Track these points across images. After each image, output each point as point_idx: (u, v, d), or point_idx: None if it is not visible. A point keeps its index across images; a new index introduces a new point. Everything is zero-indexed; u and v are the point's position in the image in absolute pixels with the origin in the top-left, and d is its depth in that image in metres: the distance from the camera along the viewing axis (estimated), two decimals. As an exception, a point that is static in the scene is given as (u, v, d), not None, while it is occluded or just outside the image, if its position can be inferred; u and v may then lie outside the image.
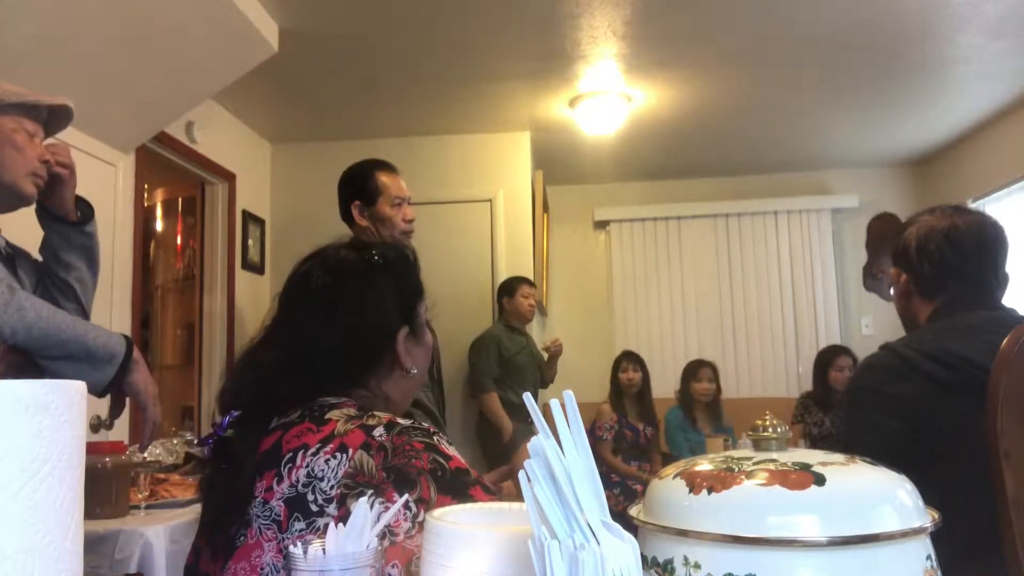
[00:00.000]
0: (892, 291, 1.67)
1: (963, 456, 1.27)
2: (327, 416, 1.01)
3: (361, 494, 0.92)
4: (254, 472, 0.99)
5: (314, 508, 0.94)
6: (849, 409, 1.55)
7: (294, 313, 1.13)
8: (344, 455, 0.96)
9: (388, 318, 1.14)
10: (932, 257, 1.53)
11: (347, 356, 1.09)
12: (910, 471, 1.13)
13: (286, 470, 0.97)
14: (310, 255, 1.18)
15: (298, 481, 0.95)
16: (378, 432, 0.98)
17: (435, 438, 1.00)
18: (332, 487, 0.94)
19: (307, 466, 0.96)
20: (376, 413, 1.02)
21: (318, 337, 1.09)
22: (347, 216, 2.50)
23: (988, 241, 1.52)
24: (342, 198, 2.52)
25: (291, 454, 0.98)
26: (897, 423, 1.41)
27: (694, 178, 5.87)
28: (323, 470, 0.95)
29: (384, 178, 2.46)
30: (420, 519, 0.90)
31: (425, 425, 1.02)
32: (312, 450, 0.97)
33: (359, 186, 2.47)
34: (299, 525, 0.94)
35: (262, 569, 0.94)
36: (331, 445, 0.97)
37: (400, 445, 0.97)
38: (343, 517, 0.64)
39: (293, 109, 4.33)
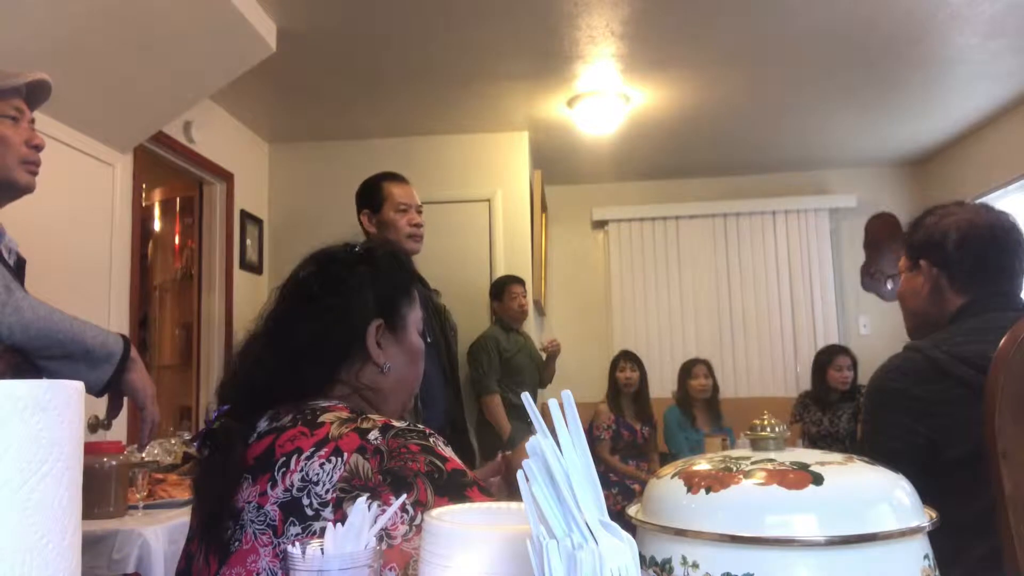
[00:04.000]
0: (909, 285, 1.59)
1: None
2: (320, 419, 1.00)
3: (357, 497, 0.92)
4: (243, 461, 0.99)
5: (309, 512, 0.93)
6: (874, 412, 1.52)
7: (281, 305, 1.15)
8: (339, 459, 0.95)
9: (361, 306, 1.13)
10: (976, 252, 1.49)
11: (320, 342, 1.10)
12: (937, 478, 1.13)
13: (280, 474, 0.96)
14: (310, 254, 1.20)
15: (293, 485, 0.95)
16: (373, 435, 0.97)
17: (431, 440, 1.00)
18: (327, 491, 0.93)
19: (302, 470, 0.95)
20: (371, 416, 1.02)
21: (297, 325, 1.10)
22: (364, 228, 2.64)
23: (1020, 241, 1.50)
24: (357, 211, 2.67)
25: (284, 458, 0.97)
26: (924, 428, 1.39)
27: (692, 178, 5.87)
28: (318, 474, 0.94)
29: (390, 187, 2.60)
30: (417, 522, 0.90)
31: (420, 427, 1.02)
32: (306, 454, 0.96)
33: (367, 195, 2.62)
34: (295, 530, 0.93)
35: (258, 574, 0.94)
36: (325, 449, 0.96)
37: (396, 448, 0.96)
38: (339, 521, 0.64)
39: (291, 109, 4.33)
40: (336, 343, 1.11)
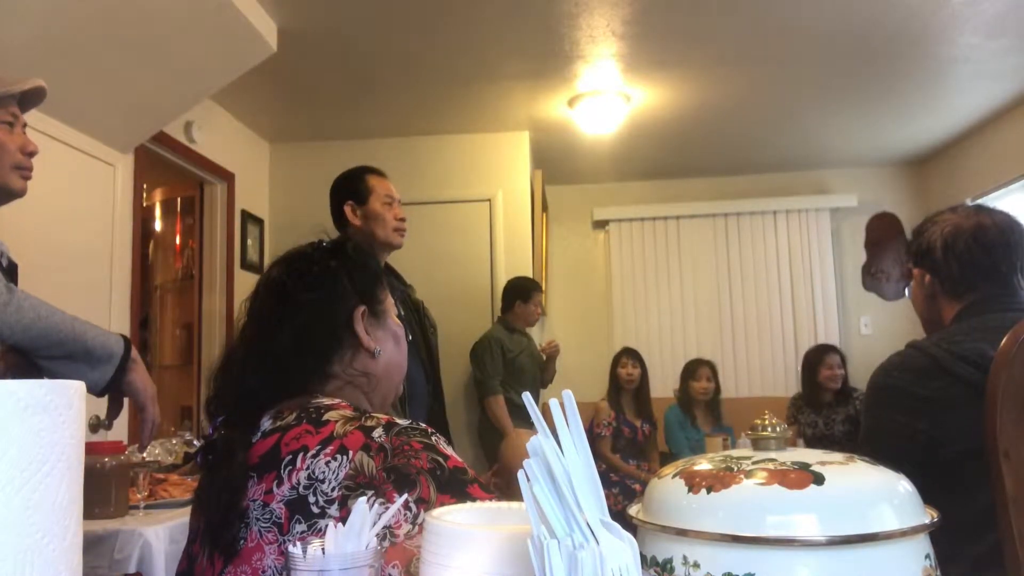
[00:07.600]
0: (909, 291, 1.62)
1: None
2: (324, 417, 1.01)
3: (362, 495, 0.93)
4: (245, 468, 1.00)
5: (315, 510, 0.94)
6: (873, 409, 1.52)
7: (255, 311, 1.16)
8: (344, 457, 0.96)
9: (342, 296, 1.15)
10: (960, 257, 1.49)
11: (307, 337, 1.10)
12: (936, 475, 1.13)
13: (286, 472, 0.97)
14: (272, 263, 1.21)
15: (299, 483, 0.96)
16: (377, 433, 0.99)
17: (433, 438, 1.01)
18: (333, 489, 0.94)
19: (308, 468, 0.96)
20: (374, 414, 1.03)
21: (277, 326, 1.11)
22: (339, 220, 2.57)
23: (1017, 240, 1.49)
24: (334, 202, 2.60)
25: (291, 456, 0.98)
26: (924, 425, 1.39)
27: (693, 178, 5.87)
28: (324, 472, 0.95)
29: (374, 180, 2.58)
30: (420, 520, 0.91)
31: (423, 425, 1.03)
32: (312, 452, 0.97)
33: (351, 187, 2.57)
34: (300, 527, 0.94)
35: (263, 572, 0.94)
36: (331, 447, 0.97)
37: (399, 445, 0.98)
38: (344, 518, 0.64)
39: (292, 109, 4.33)
40: (322, 337, 1.12)
